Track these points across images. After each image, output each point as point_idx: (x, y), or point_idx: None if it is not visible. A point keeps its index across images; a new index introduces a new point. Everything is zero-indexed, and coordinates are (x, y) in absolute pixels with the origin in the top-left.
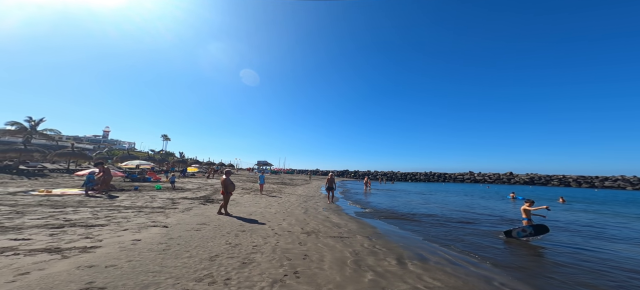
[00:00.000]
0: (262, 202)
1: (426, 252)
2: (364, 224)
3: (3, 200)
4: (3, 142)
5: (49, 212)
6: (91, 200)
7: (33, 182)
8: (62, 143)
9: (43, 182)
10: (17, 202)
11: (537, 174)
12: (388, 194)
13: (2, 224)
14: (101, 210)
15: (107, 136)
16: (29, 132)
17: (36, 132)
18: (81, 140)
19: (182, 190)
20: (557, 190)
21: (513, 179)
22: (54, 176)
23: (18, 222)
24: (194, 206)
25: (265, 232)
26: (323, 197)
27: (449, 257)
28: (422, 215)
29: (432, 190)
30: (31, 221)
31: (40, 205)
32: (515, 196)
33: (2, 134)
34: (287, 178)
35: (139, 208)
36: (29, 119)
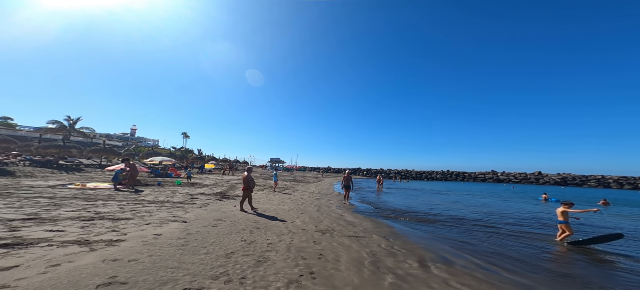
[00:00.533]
0: (275, 199)
1: (451, 255)
2: (379, 223)
3: (44, 193)
4: (46, 139)
5: (82, 205)
6: (119, 195)
7: (71, 176)
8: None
9: (79, 176)
10: (55, 195)
11: (570, 174)
12: (404, 193)
13: (41, 216)
14: (128, 204)
15: (134, 134)
16: (68, 130)
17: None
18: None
19: (200, 186)
20: (595, 192)
21: (542, 179)
22: (89, 171)
23: (55, 214)
24: (211, 202)
25: (279, 230)
26: (336, 195)
27: (479, 262)
28: (444, 216)
29: (452, 190)
30: (66, 213)
31: (75, 198)
32: (548, 197)
33: (45, 132)
34: (300, 176)
35: (161, 203)
36: (68, 118)
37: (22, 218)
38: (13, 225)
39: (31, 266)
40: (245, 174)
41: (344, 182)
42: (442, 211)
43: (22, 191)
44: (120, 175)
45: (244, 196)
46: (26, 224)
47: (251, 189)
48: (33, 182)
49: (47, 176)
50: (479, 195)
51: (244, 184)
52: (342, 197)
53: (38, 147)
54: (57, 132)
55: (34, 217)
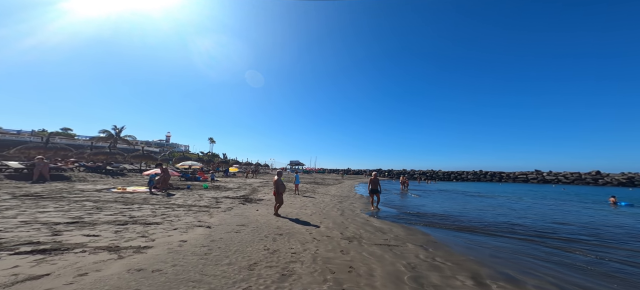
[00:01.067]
0: (296, 202)
1: (515, 271)
2: (412, 230)
3: (90, 197)
4: (96, 146)
5: (120, 208)
6: (153, 198)
7: (115, 180)
8: (136, 147)
9: (121, 180)
10: (99, 198)
11: (638, 173)
12: (433, 195)
13: (83, 219)
14: (159, 208)
15: (169, 140)
16: (114, 138)
17: (119, 138)
18: (150, 144)
19: (224, 189)
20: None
21: (602, 179)
22: (130, 175)
23: (95, 218)
24: (235, 206)
25: (302, 237)
26: (358, 197)
27: (557, 281)
28: (490, 222)
29: (490, 192)
30: (105, 217)
31: (116, 202)
32: (616, 201)
33: (96, 141)
34: (319, 178)
35: (189, 206)
36: (114, 127)
37: (66, 221)
38: (57, 229)
39: (60, 275)
40: (275, 178)
41: (370, 185)
42: (486, 217)
43: (73, 195)
44: (154, 179)
45: (277, 200)
46: (68, 228)
47: (281, 193)
48: (84, 186)
49: (96, 180)
50: (527, 198)
51: (274, 188)
52: (365, 199)
53: (90, 153)
54: (105, 140)
55: (77, 220)
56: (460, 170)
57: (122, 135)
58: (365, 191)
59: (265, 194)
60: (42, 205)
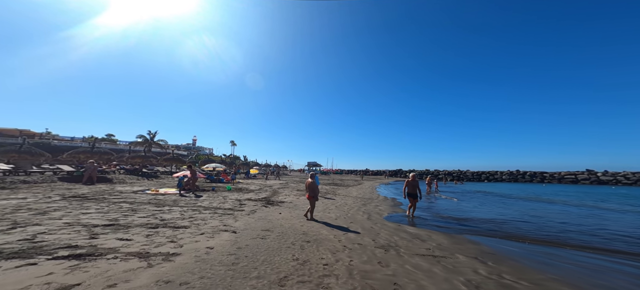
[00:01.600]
0: (319, 205)
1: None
2: (457, 238)
3: (127, 199)
4: (133, 150)
5: (152, 211)
6: (182, 200)
7: (149, 182)
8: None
9: (155, 182)
10: (135, 200)
11: None
12: (468, 197)
13: (118, 222)
14: (187, 210)
15: (195, 144)
16: (149, 143)
17: (153, 142)
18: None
19: (247, 191)
20: None
21: None
22: (162, 178)
23: (129, 220)
24: (258, 208)
25: (332, 245)
26: (382, 199)
27: None
28: (560, 231)
29: (538, 194)
30: (138, 219)
31: (149, 203)
32: None
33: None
34: (337, 179)
35: (214, 209)
36: (149, 132)
37: (104, 223)
38: (94, 232)
39: (90, 284)
40: (309, 180)
41: (407, 188)
42: (549, 225)
43: (113, 196)
44: (182, 181)
45: (311, 204)
46: (105, 231)
47: (316, 197)
48: (122, 188)
49: (133, 182)
50: (588, 202)
51: (308, 192)
52: (390, 201)
53: (128, 157)
54: (141, 144)
55: (113, 222)
56: (493, 170)
57: (155, 140)
58: (388, 192)
59: (286, 195)
60: (85, 206)
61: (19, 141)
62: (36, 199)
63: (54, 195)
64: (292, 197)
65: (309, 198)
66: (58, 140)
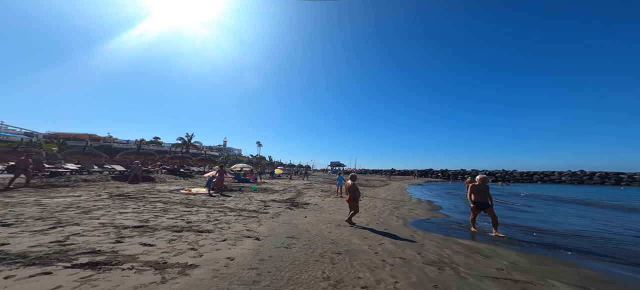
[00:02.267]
0: (346, 207)
1: None
2: (535, 256)
3: (162, 198)
4: (173, 152)
5: (181, 211)
6: (210, 200)
7: (185, 181)
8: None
9: (189, 181)
10: (169, 199)
11: None
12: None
13: (148, 223)
14: (213, 212)
15: (225, 145)
16: (187, 144)
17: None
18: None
19: (271, 192)
20: None
21: None
22: (196, 177)
23: (158, 221)
24: (282, 211)
25: (368, 259)
26: (416, 202)
27: None
28: None
29: (618, 199)
30: (167, 221)
31: (180, 203)
32: None
33: (175, 147)
34: (362, 179)
35: (239, 211)
36: (187, 134)
37: (134, 225)
38: (122, 234)
39: None
40: (349, 182)
41: (474, 195)
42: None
43: (151, 195)
44: (211, 181)
45: (351, 208)
46: (132, 233)
47: (357, 200)
48: (162, 187)
49: (172, 181)
50: None
51: (349, 194)
52: (426, 204)
53: (168, 158)
54: (180, 146)
55: (143, 224)
56: (549, 170)
57: (192, 142)
58: (421, 194)
59: (310, 197)
60: (125, 205)
61: (81, 144)
62: (88, 197)
63: (104, 193)
64: (317, 199)
65: (348, 200)
66: (116, 143)
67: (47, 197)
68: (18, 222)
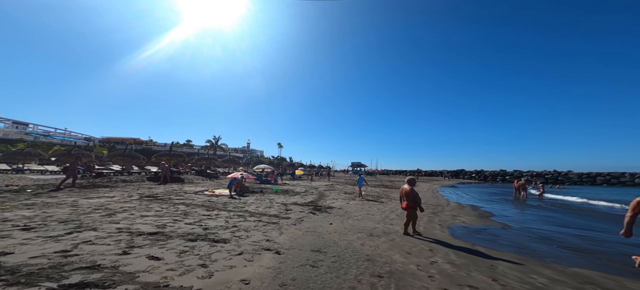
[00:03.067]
0: (375, 212)
1: None
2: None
3: (186, 200)
4: (200, 154)
5: (201, 215)
6: (231, 203)
7: (211, 183)
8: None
9: (215, 183)
10: (192, 201)
11: None
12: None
13: (165, 230)
14: (233, 216)
15: (249, 147)
16: (214, 147)
17: (217, 146)
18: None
19: (292, 194)
20: None
21: None
22: (221, 178)
23: (176, 227)
24: (305, 216)
25: (422, 285)
26: (455, 206)
27: None
28: None
29: None
30: (184, 226)
31: (201, 206)
32: None
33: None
34: (385, 179)
35: (260, 216)
36: (214, 137)
37: (150, 231)
38: (133, 243)
39: None
40: (406, 187)
41: None
42: None
43: (177, 197)
44: (233, 183)
45: (408, 217)
46: (145, 242)
47: (417, 207)
48: (188, 188)
49: (198, 182)
50: None
51: (407, 200)
52: (469, 210)
53: (196, 159)
54: (209, 148)
55: (160, 230)
56: (616, 172)
57: (219, 144)
58: (457, 197)
59: (333, 199)
60: (150, 207)
61: (122, 146)
62: (120, 198)
63: (135, 194)
64: (341, 202)
65: (406, 208)
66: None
67: (86, 197)
68: (42, 225)
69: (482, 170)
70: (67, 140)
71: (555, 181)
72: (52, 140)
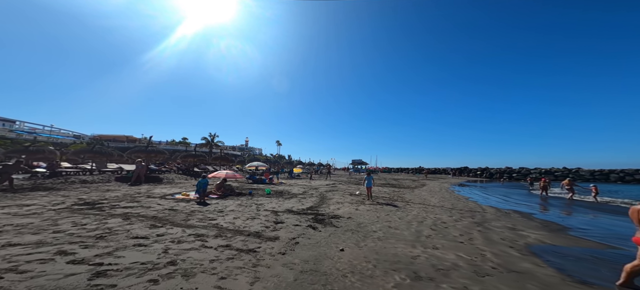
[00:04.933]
0: (397, 222)
1: None
2: None
3: (137, 208)
4: (185, 150)
5: (144, 234)
6: (202, 212)
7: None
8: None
9: None
10: (145, 210)
11: None
12: None
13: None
14: (188, 236)
15: (247, 145)
16: (210, 144)
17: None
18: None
19: (288, 196)
20: None
21: None
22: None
23: (55, 268)
24: (301, 233)
25: None
26: (494, 212)
27: None
28: None
29: None
30: (64, 267)
31: (150, 219)
32: None
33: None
34: (390, 178)
35: (232, 235)
36: (210, 134)
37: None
38: None
39: None
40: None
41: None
42: None
43: (132, 202)
44: (204, 185)
45: None
46: None
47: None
48: (160, 190)
49: (179, 183)
50: None
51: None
52: (524, 219)
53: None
54: (205, 146)
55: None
56: (624, 166)
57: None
58: (482, 199)
59: (338, 204)
60: (58, 223)
61: (114, 144)
62: (46, 204)
63: (74, 199)
64: (348, 207)
65: None
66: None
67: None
68: None
69: (487, 167)
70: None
71: (565, 178)
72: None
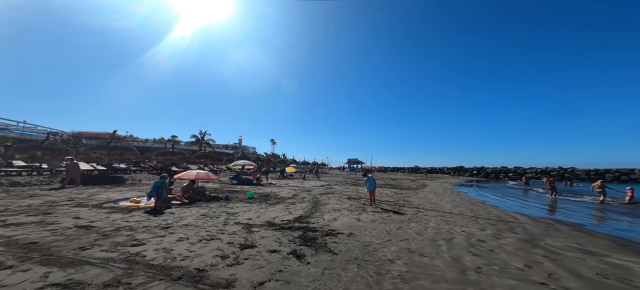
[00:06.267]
0: (415, 239)
1: None
2: None
3: (41, 226)
4: (158, 148)
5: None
6: (124, 231)
7: None
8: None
9: None
10: (75, 223)
11: None
12: None
13: None
14: (120, 262)
15: (241, 143)
16: (199, 142)
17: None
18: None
19: (273, 200)
20: None
21: None
22: None
23: None
24: (276, 265)
25: None
26: (529, 221)
27: None
28: None
29: None
30: None
31: (53, 243)
32: None
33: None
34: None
35: (156, 274)
36: (200, 132)
37: None
38: None
39: None
40: None
41: None
42: None
43: (41, 214)
44: (165, 186)
45: None
46: None
47: None
48: (108, 195)
49: (144, 185)
50: None
51: None
52: (569, 231)
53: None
54: (194, 144)
55: None
56: (623, 165)
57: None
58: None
59: (335, 211)
60: None
61: (94, 142)
62: None
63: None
64: (348, 217)
65: None
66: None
67: None
68: None
69: (483, 167)
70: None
71: (561, 178)
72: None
